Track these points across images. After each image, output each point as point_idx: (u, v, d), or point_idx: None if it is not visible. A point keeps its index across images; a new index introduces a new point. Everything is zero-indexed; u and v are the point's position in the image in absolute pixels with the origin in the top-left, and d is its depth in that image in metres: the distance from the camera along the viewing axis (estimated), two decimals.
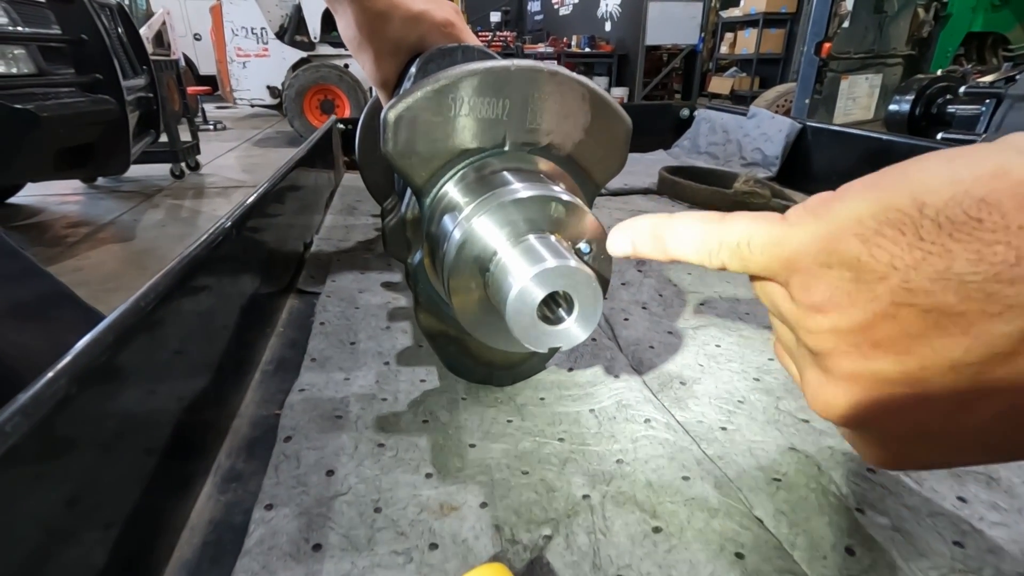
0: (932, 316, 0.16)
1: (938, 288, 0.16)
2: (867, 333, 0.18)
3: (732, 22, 7.17)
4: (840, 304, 0.18)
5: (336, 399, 0.38)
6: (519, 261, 0.26)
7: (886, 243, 0.17)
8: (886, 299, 0.17)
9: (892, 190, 0.17)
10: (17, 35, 2.22)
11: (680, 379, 0.41)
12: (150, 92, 2.89)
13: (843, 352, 0.19)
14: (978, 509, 0.29)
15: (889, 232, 0.17)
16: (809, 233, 0.19)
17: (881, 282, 0.17)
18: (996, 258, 0.15)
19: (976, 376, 0.16)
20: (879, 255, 0.17)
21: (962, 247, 0.15)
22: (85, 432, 0.23)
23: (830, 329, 0.18)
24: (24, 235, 2.76)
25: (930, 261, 0.16)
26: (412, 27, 0.46)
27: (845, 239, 0.18)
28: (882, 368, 0.18)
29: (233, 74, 5.19)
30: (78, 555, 0.22)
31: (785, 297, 0.20)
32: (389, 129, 0.30)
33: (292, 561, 0.26)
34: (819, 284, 0.18)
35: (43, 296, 0.53)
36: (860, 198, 0.18)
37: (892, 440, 0.20)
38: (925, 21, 3.21)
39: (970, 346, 0.16)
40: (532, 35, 9.43)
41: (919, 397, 0.18)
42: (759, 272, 0.21)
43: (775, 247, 0.20)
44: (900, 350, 0.17)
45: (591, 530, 0.28)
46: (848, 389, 0.19)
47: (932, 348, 0.17)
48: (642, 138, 1.24)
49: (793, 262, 0.19)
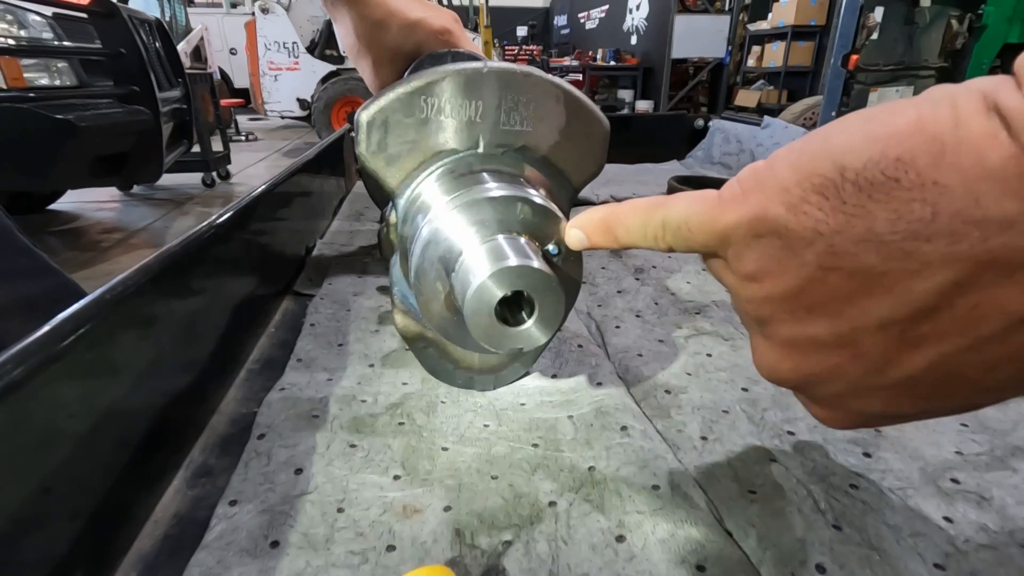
0: (857, 278, 0.17)
1: (861, 250, 0.16)
2: (799, 299, 0.18)
3: (760, 35, 7.09)
4: (772, 272, 0.18)
5: (315, 399, 0.38)
6: (481, 260, 0.26)
7: (811, 209, 0.17)
8: (814, 264, 0.17)
9: (815, 155, 0.17)
10: (61, 49, 2.33)
11: (665, 388, 0.40)
12: (184, 104, 3.00)
13: (779, 319, 0.19)
14: (965, 530, 0.27)
15: (814, 198, 0.17)
16: (740, 206, 0.19)
17: (808, 248, 0.17)
18: (913, 216, 0.15)
19: (903, 332, 0.17)
20: (805, 221, 0.17)
21: (881, 207, 0.16)
22: (51, 421, 0.23)
23: (765, 297, 0.19)
24: (61, 240, 2.87)
25: (852, 224, 0.16)
26: (409, 35, 0.47)
27: (773, 208, 0.18)
28: (816, 331, 0.18)
29: (265, 87, 5.36)
30: (37, 543, 0.23)
31: (726, 269, 0.21)
32: (362, 131, 0.30)
33: (248, 557, 0.26)
34: (751, 254, 0.19)
35: (54, 293, 0.55)
36: (785, 165, 0.18)
37: (835, 399, 0.20)
38: (959, 33, 3.12)
39: (894, 304, 0.16)
40: (558, 49, 9.51)
41: (853, 356, 0.18)
42: (700, 249, 0.21)
43: (710, 223, 0.20)
44: (831, 312, 0.18)
45: (552, 537, 0.27)
46: (787, 354, 0.20)
47: (860, 309, 0.17)
48: (656, 148, 1.23)
49: (727, 235, 0.20)
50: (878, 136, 0.16)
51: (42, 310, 0.56)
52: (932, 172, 0.15)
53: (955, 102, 0.15)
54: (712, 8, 7.02)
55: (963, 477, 0.31)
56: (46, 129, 2.03)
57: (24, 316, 0.51)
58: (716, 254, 0.21)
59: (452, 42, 0.47)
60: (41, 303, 0.53)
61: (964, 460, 0.32)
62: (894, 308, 0.16)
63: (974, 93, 0.15)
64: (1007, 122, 0.14)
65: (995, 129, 0.14)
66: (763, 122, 1.07)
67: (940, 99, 0.15)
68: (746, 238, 0.19)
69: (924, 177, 0.15)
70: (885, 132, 0.16)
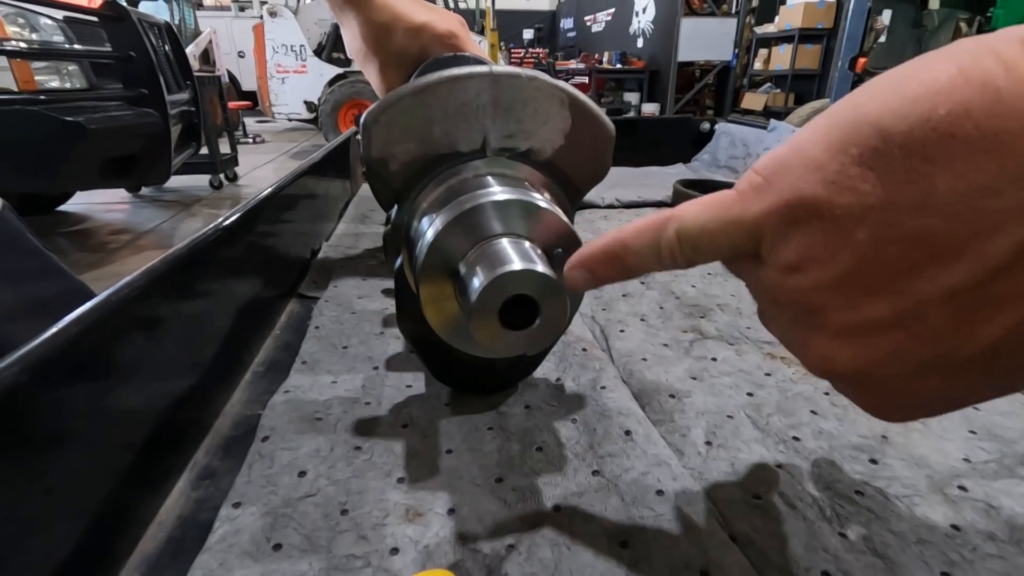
0: (921, 247, 0.15)
1: (922, 216, 0.15)
2: (854, 281, 0.16)
3: (767, 38, 7.07)
4: (818, 258, 0.17)
5: (319, 402, 0.38)
6: (486, 263, 0.26)
7: (855, 182, 0.15)
8: (867, 241, 0.16)
9: (847, 126, 0.16)
10: (71, 52, 2.35)
11: (670, 392, 0.40)
12: (193, 106, 3.02)
13: (833, 307, 0.17)
14: (973, 539, 0.27)
15: (855, 171, 0.15)
16: (767, 195, 0.18)
17: (859, 224, 0.16)
18: (978, 171, 0.14)
19: (976, 299, 0.15)
20: (850, 196, 0.16)
21: (939, 167, 0.14)
22: (56, 423, 0.23)
23: (814, 286, 0.17)
24: (70, 241, 2.90)
25: (907, 191, 0.15)
26: (415, 38, 0.47)
27: (808, 188, 0.16)
28: (876, 313, 0.17)
29: (272, 89, 5.39)
30: (42, 544, 0.23)
31: (758, 267, 0.19)
32: (368, 134, 0.30)
33: (250, 560, 0.26)
34: (790, 243, 0.17)
35: (63, 294, 0.55)
36: (813, 144, 0.17)
37: (897, 386, 0.18)
38: (968, 35, 3.11)
39: (965, 269, 0.15)
40: (564, 52, 9.52)
41: (920, 334, 0.16)
42: (727, 253, 0.20)
43: (736, 221, 0.18)
44: (892, 290, 0.16)
45: (556, 542, 0.27)
46: (844, 343, 0.18)
47: (926, 281, 0.15)
48: (662, 151, 1.23)
49: (757, 229, 0.18)
50: (920, 95, 0.15)
51: (51, 311, 0.57)
52: (992, 121, 0.14)
53: (996, 49, 0.14)
54: (719, 11, 7.01)
55: (971, 485, 0.30)
56: (57, 131, 2.05)
57: (34, 317, 0.51)
58: (743, 257, 0.19)
59: (458, 46, 0.47)
60: (50, 304, 0.53)
61: (972, 468, 0.32)
62: (965, 274, 0.15)
63: (1013, 40, 0.14)
64: None
65: None
66: (770, 125, 1.06)
67: (977, 50, 0.15)
68: (781, 227, 0.17)
69: (984, 128, 0.14)
70: (927, 89, 0.15)
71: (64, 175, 2.27)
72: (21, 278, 0.52)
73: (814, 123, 0.17)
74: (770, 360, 0.43)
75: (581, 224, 0.81)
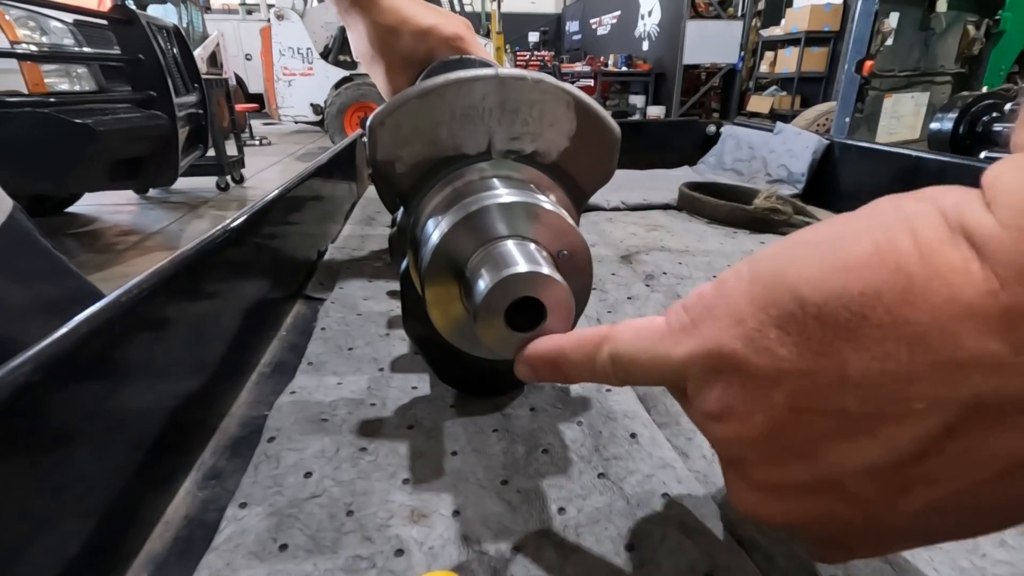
0: (835, 421, 0.15)
1: (835, 392, 0.14)
2: (773, 440, 0.16)
3: (773, 40, 7.06)
4: (738, 412, 0.16)
5: (325, 403, 0.38)
6: (491, 265, 0.26)
7: (772, 344, 0.15)
8: (783, 405, 0.15)
9: (769, 285, 0.16)
10: (81, 55, 2.38)
11: None
12: (200, 109, 3.04)
13: (753, 462, 0.17)
14: (982, 544, 0.27)
15: (773, 332, 0.15)
16: (691, 338, 0.17)
17: (775, 388, 0.15)
18: (888, 357, 0.13)
19: (892, 477, 0.15)
20: (766, 358, 0.15)
21: (851, 347, 0.14)
22: (65, 422, 0.24)
23: (735, 438, 0.17)
24: (79, 242, 2.92)
25: (822, 363, 0.14)
26: (421, 41, 0.47)
27: (728, 341, 0.16)
28: (797, 476, 0.16)
29: (279, 92, 5.42)
30: (50, 544, 0.23)
31: (686, 402, 0.19)
32: (374, 136, 0.30)
33: (256, 560, 0.26)
34: (712, 392, 0.17)
35: (71, 295, 0.56)
36: (737, 294, 0.16)
37: (829, 539, 0.18)
38: (976, 38, 3.09)
39: (880, 449, 0.14)
40: (570, 54, 9.53)
41: (846, 500, 0.16)
42: (657, 383, 0.20)
43: (662, 358, 0.18)
44: (810, 456, 0.16)
45: (561, 545, 0.27)
46: (770, 498, 0.17)
47: (842, 454, 0.15)
48: (668, 154, 1.23)
49: (681, 371, 0.18)
50: (835, 266, 0.14)
51: (60, 311, 0.57)
52: (902, 309, 0.13)
53: (913, 228, 0.14)
54: (724, 14, 7.01)
55: None
56: (66, 133, 2.07)
57: (43, 317, 0.51)
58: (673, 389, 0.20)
59: (464, 48, 0.47)
60: (60, 304, 0.54)
61: None
62: (880, 453, 0.14)
63: (932, 215, 0.14)
64: (978, 249, 0.13)
65: (966, 258, 0.13)
66: (776, 128, 1.06)
67: (896, 225, 0.14)
68: (703, 374, 0.17)
69: (895, 314, 0.13)
70: (843, 263, 0.14)
71: (73, 177, 2.29)
72: (31, 278, 0.53)
73: (739, 270, 0.17)
74: None
75: (587, 226, 0.81)
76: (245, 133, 5.46)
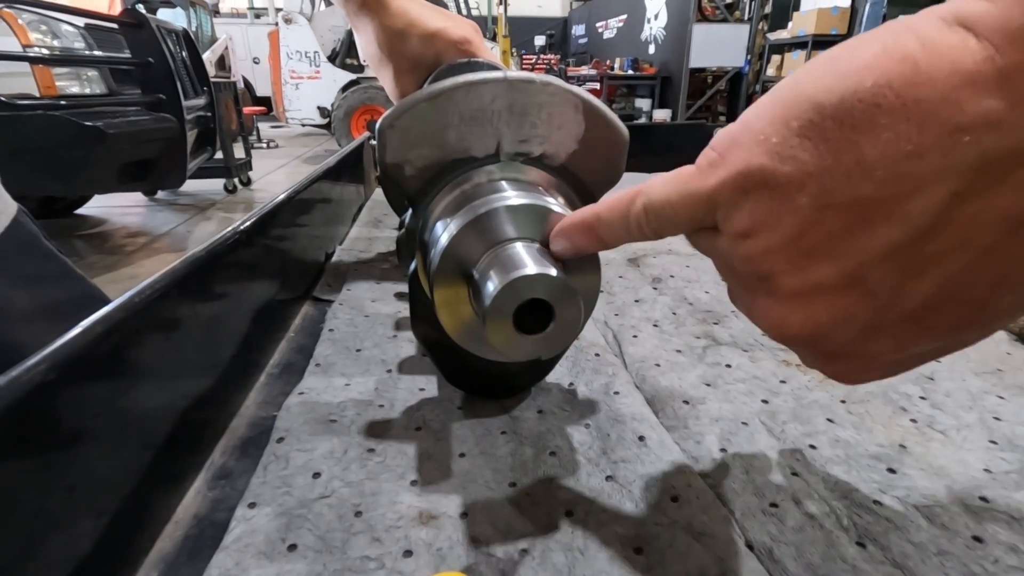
0: (854, 211, 0.16)
1: (853, 182, 0.16)
2: (799, 245, 0.18)
3: (780, 44, 7.04)
4: (767, 223, 0.18)
5: (333, 404, 0.38)
6: (499, 268, 0.26)
7: (796, 152, 0.17)
8: (808, 206, 0.17)
9: (788, 101, 0.17)
10: (91, 58, 2.40)
11: (684, 398, 0.39)
12: (208, 112, 3.07)
13: (782, 270, 0.19)
14: (994, 550, 0.27)
15: (795, 141, 0.17)
16: (720, 168, 0.19)
17: (800, 191, 0.17)
18: (900, 136, 0.15)
19: (908, 259, 0.16)
20: (791, 165, 0.17)
21: (866, 136, 0.16)
22: (78, 422, 0.24)
23: (763, 251, 0.19)
24: (88, 243, 2.94)
25: (840, 158, 0.16)
26: (429, 44, 0.48)
27: (755, 159, 0.18)
28: (821, 276, 0.18)
29: (287, 95, 5.46)
30: (62, 542, 0.23)
31: (715, 237, 0.20)
32: (382, 138, 0.31)
33: (265, 560, 0.26)
34: (742, 211, 0.19)
35: (76, 298, 0.56)
36: (758, 118, 0.18)
37: (848, 347, 0.19)
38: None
39: (895, 230, 0.16)
40: (576, 58, 9.55)
41: (861, 294, 0.18)
42: (687, 224, 0.21)
43: (694, 194, 0.20)
44: (833, 253, 0.17)
45: (569, 548, 0.27)
46: (795, 306, 0.19)
47: (862, 242, 0.17)
48: (674, 157, 1.22)
49: (713, 200, 0.19)
50: (848, 71, 0.16)
51: (65, 314, 0.58)
52: (910, 90, 0.15)
53: (915, 28, 0.16)
54: (731, 17, 7.00)
55: (992, 496, 0.30)
56: (76, 136, 2.09)
57: (48, 320, 0.52)
58: (702, 226, 0.21)
59: (471, 51, 0.48)
60: (64, 307, 0.54)
61: (993, 479, 0.31)
62: (896, 234, 0.16)
63: (930, 17, 0.16)
64: (972, 29, 0.14)
65: (963, 38, 0.15)
66: None
67: (900, 30, 0.16)
68: (733, 196, 0.19)
69: (904, 96, 0.15)
70: (855, 65, 0.16)
71: (83, 179, 2.31)
72: (36, 282, 0.53)
73: (761, 101, 0.19)
74: (785, 367, 0.43)
75: None
76: (253, 136, 5.49)
